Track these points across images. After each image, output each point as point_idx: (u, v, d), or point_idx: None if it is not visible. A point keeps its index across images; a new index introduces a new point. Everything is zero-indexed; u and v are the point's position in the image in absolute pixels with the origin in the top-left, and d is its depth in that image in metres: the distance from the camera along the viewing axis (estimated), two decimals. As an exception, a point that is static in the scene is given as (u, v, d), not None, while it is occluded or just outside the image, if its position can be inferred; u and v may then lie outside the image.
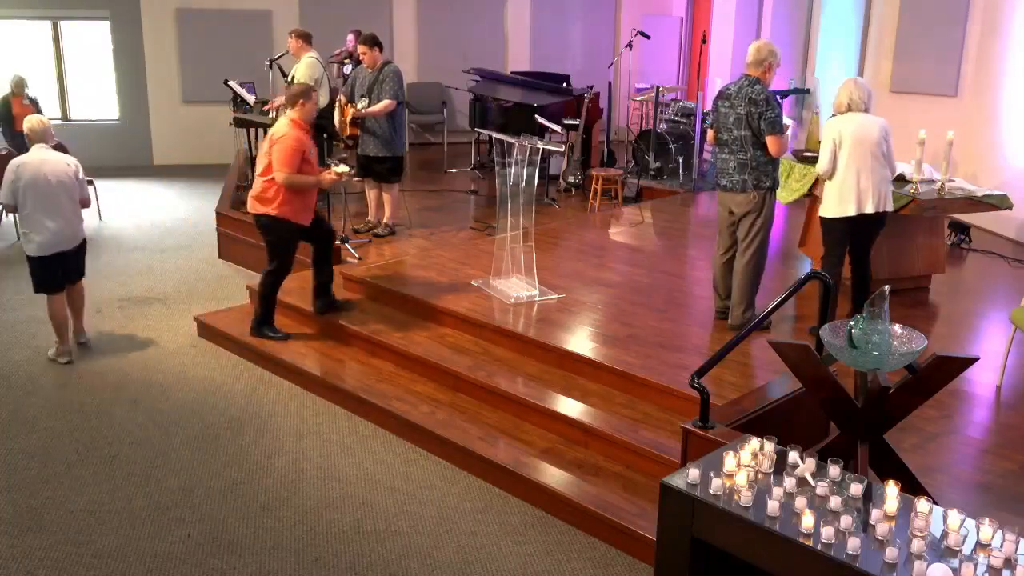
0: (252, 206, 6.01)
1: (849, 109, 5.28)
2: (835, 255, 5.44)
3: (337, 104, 7.73)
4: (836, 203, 5.30)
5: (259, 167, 6.03)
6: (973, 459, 4.39)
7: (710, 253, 7.57)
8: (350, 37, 10.22)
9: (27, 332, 6.67)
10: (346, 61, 9.88)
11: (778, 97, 5.50)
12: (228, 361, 6.20)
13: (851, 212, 5.26)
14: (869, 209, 5.25)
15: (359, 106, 7.44)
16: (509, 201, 6.16)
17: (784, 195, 6.87)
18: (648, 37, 10.65)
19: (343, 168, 6.13)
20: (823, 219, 5.44)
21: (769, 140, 5.24)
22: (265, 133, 8.65)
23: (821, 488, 3.04)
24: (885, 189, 5.31)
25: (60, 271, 6.02)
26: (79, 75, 12.61)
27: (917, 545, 2.75)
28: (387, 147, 7.55)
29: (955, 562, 2.65)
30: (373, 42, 7.52)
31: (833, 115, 5.43)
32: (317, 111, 8.22)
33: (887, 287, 3.44)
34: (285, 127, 5.91)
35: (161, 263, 8.36)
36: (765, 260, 5.53)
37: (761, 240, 5.44)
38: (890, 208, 5.36)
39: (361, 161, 7.74)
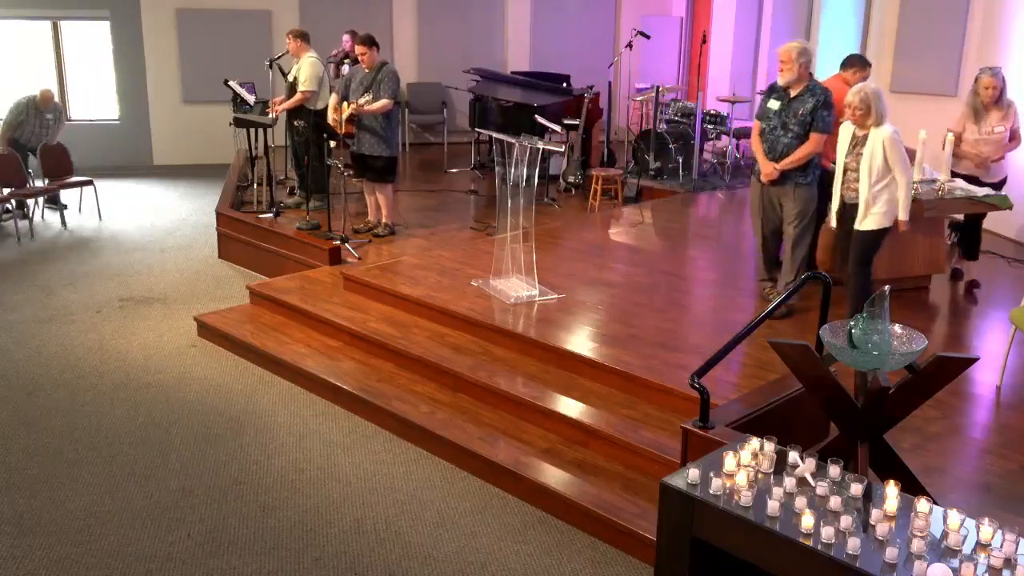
0: None
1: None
2: (871, 266, 5.39)
3: (331, 103, 7.74)
4: (886, 215, 5.22)
5: None
6: (973, 459, 4.39)
7: (710, 253, 7.60)
8: (346, 37, 10.24)
9: (27, 332, 6.68)
10: (344, 61, 9.88)
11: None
12: (228, 361, 6.20)
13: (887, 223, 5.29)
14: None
15: (360, 101, 7.45)
16: (509, 201, 6.16)
17: None
18: (648, 37, 10.65)
19: None
20: (867, 232, 5.27)
21: None
22: (265, 133, 8.73)
23: (821, 488, 3.05)
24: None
25: None
26: (79, 75, 12.61)
27: (917, 545, 2.75)
28: (382, 146, 7.56)
29: (955, 562, 2.65)
30: (372, 42, 7.54)
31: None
32: (316, 111, 8.34)
33: (887, 287, 3.45)
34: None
35: (161, 263, 8.36)
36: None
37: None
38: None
39: (356, 160, 7.75)
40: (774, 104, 5.77)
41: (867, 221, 5.22)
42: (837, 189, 5.41)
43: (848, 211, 5.35)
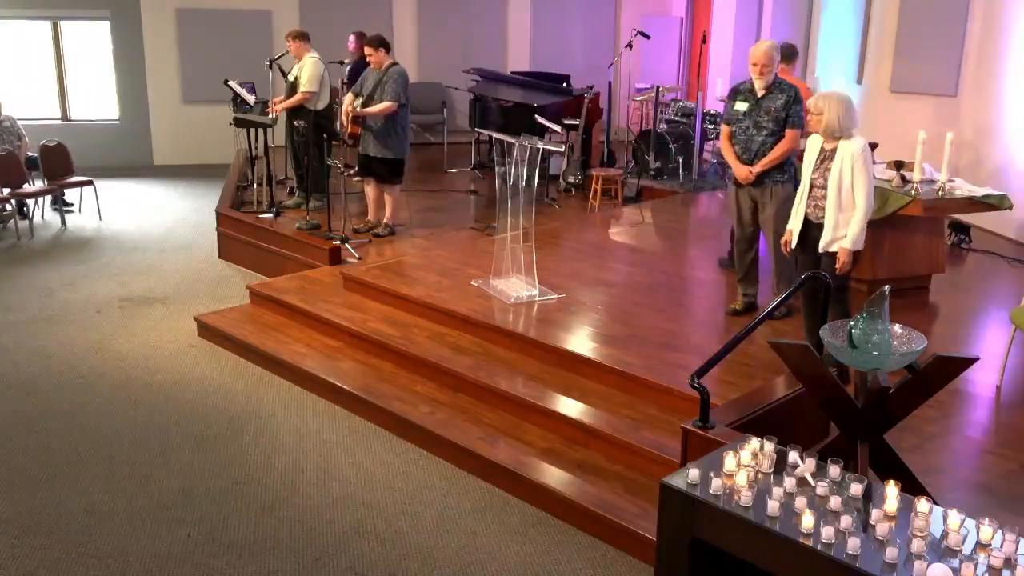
0: None
1: None
2: (848, 292, 5.03)
3: (346, 102, 7.74)
4: (859, 237, 4.70)
5: None
6: (973, 459, 4.39)
7: (710, 253, 7.59)
8: (351, 38, 10.22)
9: (27, 332, 6.68)
10: (344, 61, 9.88)
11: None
12: (228, 361, 6.20)
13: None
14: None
15: (355, 104, 7.46)
16: (509, 201, 6.17)
17: None
18: (648, 37, 10.65)
19: None
20: (856, 253, 4.76)
21: None
22: (265, 133, 8.73)
23: (821, 488, 3.05)
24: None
25: None
26: (79, 75, 12.61)
27: (917, 545, 2.75)
28: (387, 148, 7.55)
29: (955, 562, 2.66)
30: (379, 43, 7.52)
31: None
32: (317, 111, 8.34)
33: (887, 287, 3.45)
34: None
35: (161, 263, 8.36)
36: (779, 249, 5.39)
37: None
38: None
39: (361, 161, 7.75)
40: (742, 106, 5.64)
41: (838, 245, 4.71)
42: (801, 206, 4.88)
43: (813, 231, 4.84)
